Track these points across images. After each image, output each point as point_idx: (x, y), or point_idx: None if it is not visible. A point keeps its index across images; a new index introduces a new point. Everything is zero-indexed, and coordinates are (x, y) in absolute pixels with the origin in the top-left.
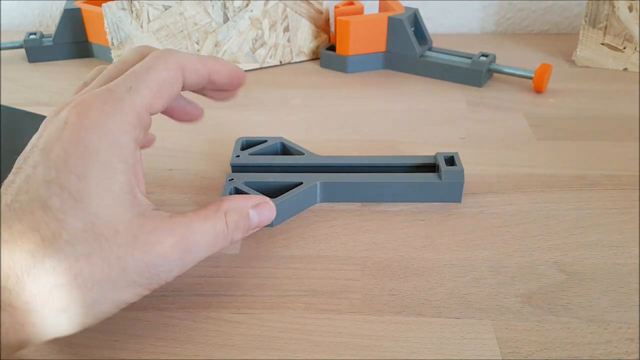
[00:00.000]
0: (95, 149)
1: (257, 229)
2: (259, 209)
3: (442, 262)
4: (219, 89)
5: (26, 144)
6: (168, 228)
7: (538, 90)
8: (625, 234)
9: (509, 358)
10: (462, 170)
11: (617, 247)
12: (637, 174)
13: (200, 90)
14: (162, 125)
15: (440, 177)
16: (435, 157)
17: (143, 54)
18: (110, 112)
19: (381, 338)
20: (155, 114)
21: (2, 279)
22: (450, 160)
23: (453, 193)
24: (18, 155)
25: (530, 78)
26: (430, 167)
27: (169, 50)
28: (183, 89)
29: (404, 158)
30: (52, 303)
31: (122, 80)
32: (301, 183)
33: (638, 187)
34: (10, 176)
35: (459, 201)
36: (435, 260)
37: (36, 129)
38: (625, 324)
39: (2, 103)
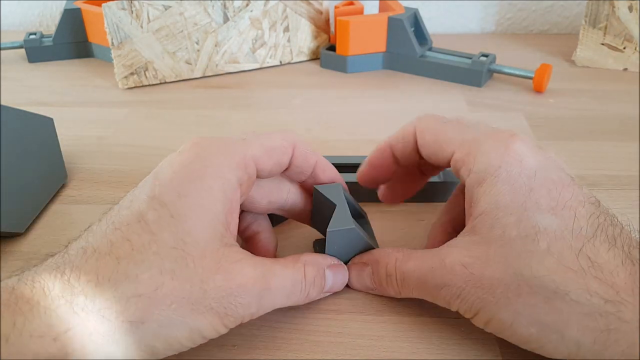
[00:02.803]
0: (201, 176)
1: (329, 293)
2: (334, 271)
3: None
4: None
5: (26, 144)
6: (251, 263)
7: (538, 90)
8: None
9: (509, 358)
10: None
11: None
12: (637, 174)
13: (303, 180)
14: (162, 125)
15: (440, 177)
16: None
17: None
18: (221, 150)
19: (381, 338)
20: (261, 174)
21: (82, 284)
22: None
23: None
24: (18, 155)
25: (530, 78)
26: None
27: (292, 132)
28: (289, 168)
29: None
30: (127, 312)
31: (240, 134)
32: None
33: (638, 187)
34: (124, 197)
35: None
36: None
37: (36, 129)
38: None
39: (2, 103)
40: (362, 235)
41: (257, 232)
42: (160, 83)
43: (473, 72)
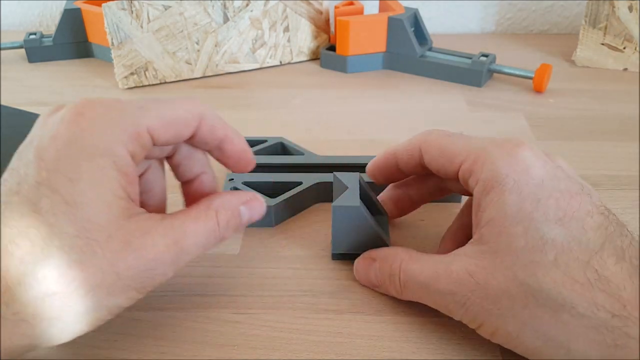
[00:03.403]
0: (91, 154)
1: (249, 224)
2: (250, 205)
3: None
4: (223, 162)
5: None
6: (161, 231)
7: (538, 90)
8: None
9: (509, 358)
10: None
11: None
12: (637, 174)
13: (209, 151)
14: None
15: None
16: None
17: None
18: (110, 121)
19: (381, 338)
20: (158, 145)
21: None
22: None
23: (455, 194)
24: None
25: (530, 78)
26: None
27: (198, 101)
28: (193, 139)
29: None
30: (44, 312)
31: (138, 100)
32: (301, 183)
33: (638, 187)
34: (5, 174)
35: (459, 201)
36: None
37: None
38: None
39: (2, 103)
40: (367, 216)
41: (197, 175)
42: (160, 83)
43: (473, 72)
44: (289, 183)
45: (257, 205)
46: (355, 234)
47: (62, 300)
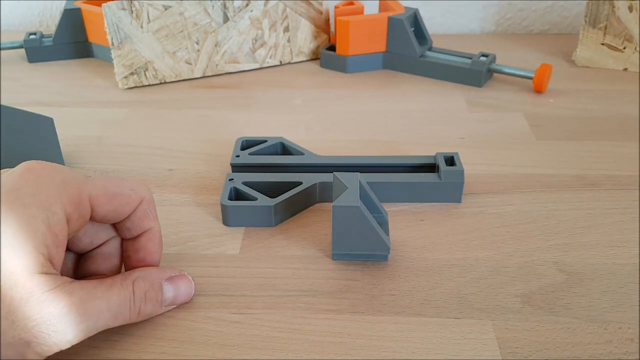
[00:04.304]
0: (26, 204)
1: (173, 306)
2: (174, 282)
3: (442, 262)
4: (128, 254)
5: (26, 144)
6: (68, 290)
7: (538, 90)
8: (625, 234)
9: (509, 358)
10: (462, 171)
11: (617, 247)
12: (637, 174)
13: (123, 237)
14: (162, 125)
15: (440, 177)
16: (435, 157)
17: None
18: (54, 181)
19: (381, 338)
20: (96, 216)
21: None
22: (450, 161)
23: (453, 193)
24: (18, 155)
25: (530, 78)
26: (430, 167)
27: (146, 187)
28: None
29: (404, 158)
30: None
31: (86, 172)
32: (301, 183)
33: (638, 187)
34: None
35: (459, 201)
36: (435, 260)
37: (36, 129)
38: (625, 324)
39: (2, 103)
40: (367, 216)
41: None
42: (160, 83)
43: (473, 72)
44: (289, 183)
45: (182, 283)
46: (356, 234)
47: None
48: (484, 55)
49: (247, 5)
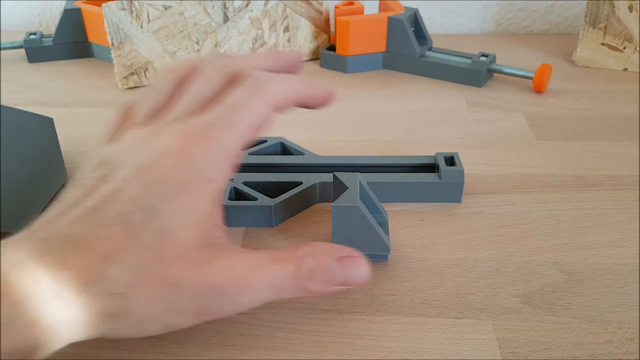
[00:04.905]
0: (186, 181)
1: (345, 287)
2: (344, 262)
3: (442, 262)
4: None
5: (26, 144)
6: (231, 261)
7: (538, 90)
8: (625, 234)
9: (509, 358)
10: (462, 171)
11: (617, 247)
12: (637, 174)
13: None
14: None
15: (440, 177)
16: (435, 157)
17: (229, 76)
18: (208, 149)
19: (381, 338)
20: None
21: (65, 278)
22: (450, 161)
23: (453, 193)
24: (18, 155)
25: (530, 78)
26: (430, 167)
27: (267, 82)
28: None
29: (403, 158)
30: (105, 308)
31: (223, 117)
32: (301, 183)
33: (638, 187)
34: (91, 179)
35: (459, 201)
36: (435, 260)
37: (36, 129)
38: (625, 324)
39: (2, 103)
40: (367, 216)
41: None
42: None
43: (473, 72)
44: (289, 183)
45: (353, 263)
46: (356, 234)
47: (123, 302)
48: (484, 55)
49: (247, 5)
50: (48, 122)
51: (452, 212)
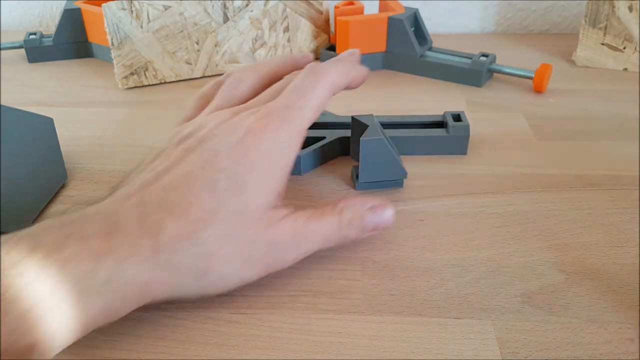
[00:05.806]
0: (268, 154)
1: (376, 231)
2: (375, 211)
3: (442, 262)
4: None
5: (26, 144)
6: (292, 220)
7: (538, 90)
8: (625, 234)
9: (509, 358)
10: (468, 125)
11: (617, 247)
12: (637, 174)
13: None
14: (162, 125)
15: (448, 131)
16: (443, 115)
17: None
18: (285, 128)
19: (381, 338)
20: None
21: (163, 240)
22: (457, 117)
23: (460, 146)
24: (18, 155)
25: (530, 78)
26: (439, 124)
27: (324, 69)
28: None
29: (415, 117)
30: (195, 266)
31: (295, 101)
32: (324, 137)
33: (638, 187)
34: (179, 149)
35: (465, 153)
36: (435, 260)
37: (36, 129)
38: (625, 324)
39: (2, 103)
40: (390, 148)
41: None
42: (160, 83)
43: (473, 72)
44: (314, 138)
45: (383, 211)
46: (380, 163)
47: (210, 261)
48: (484, 55)
49: (247, 5)
50: (48, 122)
51: (452, 212)
